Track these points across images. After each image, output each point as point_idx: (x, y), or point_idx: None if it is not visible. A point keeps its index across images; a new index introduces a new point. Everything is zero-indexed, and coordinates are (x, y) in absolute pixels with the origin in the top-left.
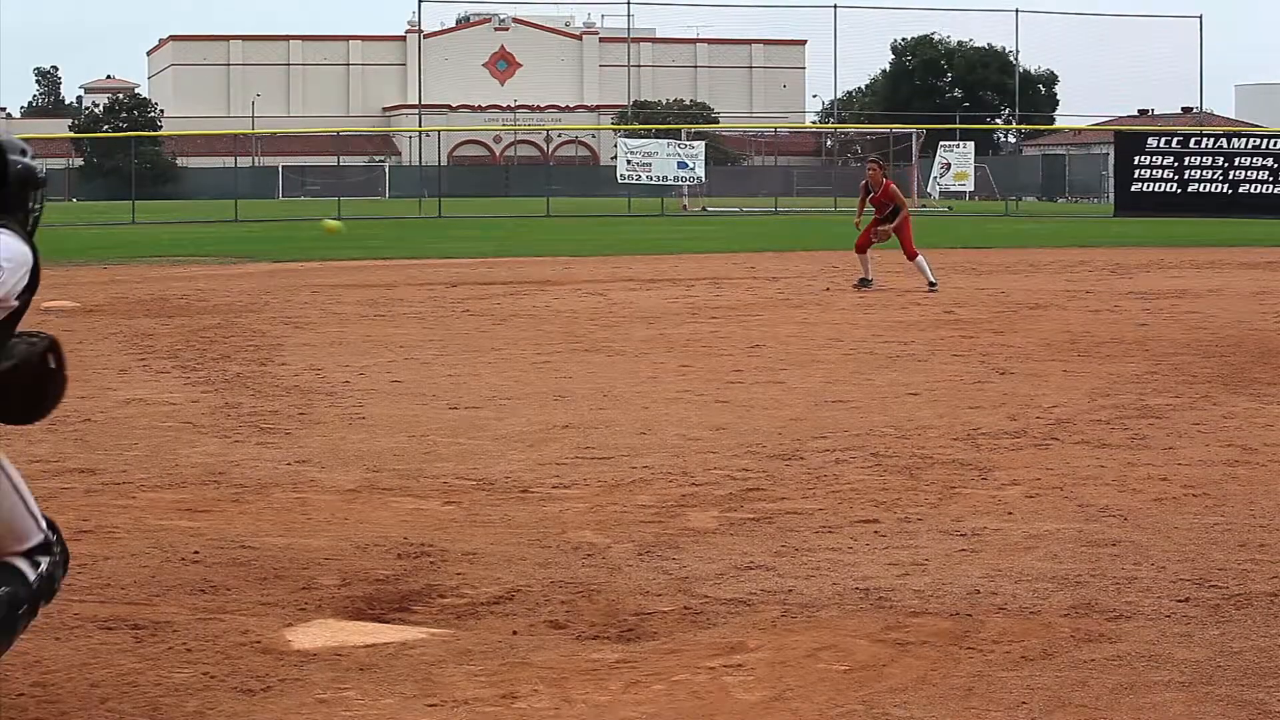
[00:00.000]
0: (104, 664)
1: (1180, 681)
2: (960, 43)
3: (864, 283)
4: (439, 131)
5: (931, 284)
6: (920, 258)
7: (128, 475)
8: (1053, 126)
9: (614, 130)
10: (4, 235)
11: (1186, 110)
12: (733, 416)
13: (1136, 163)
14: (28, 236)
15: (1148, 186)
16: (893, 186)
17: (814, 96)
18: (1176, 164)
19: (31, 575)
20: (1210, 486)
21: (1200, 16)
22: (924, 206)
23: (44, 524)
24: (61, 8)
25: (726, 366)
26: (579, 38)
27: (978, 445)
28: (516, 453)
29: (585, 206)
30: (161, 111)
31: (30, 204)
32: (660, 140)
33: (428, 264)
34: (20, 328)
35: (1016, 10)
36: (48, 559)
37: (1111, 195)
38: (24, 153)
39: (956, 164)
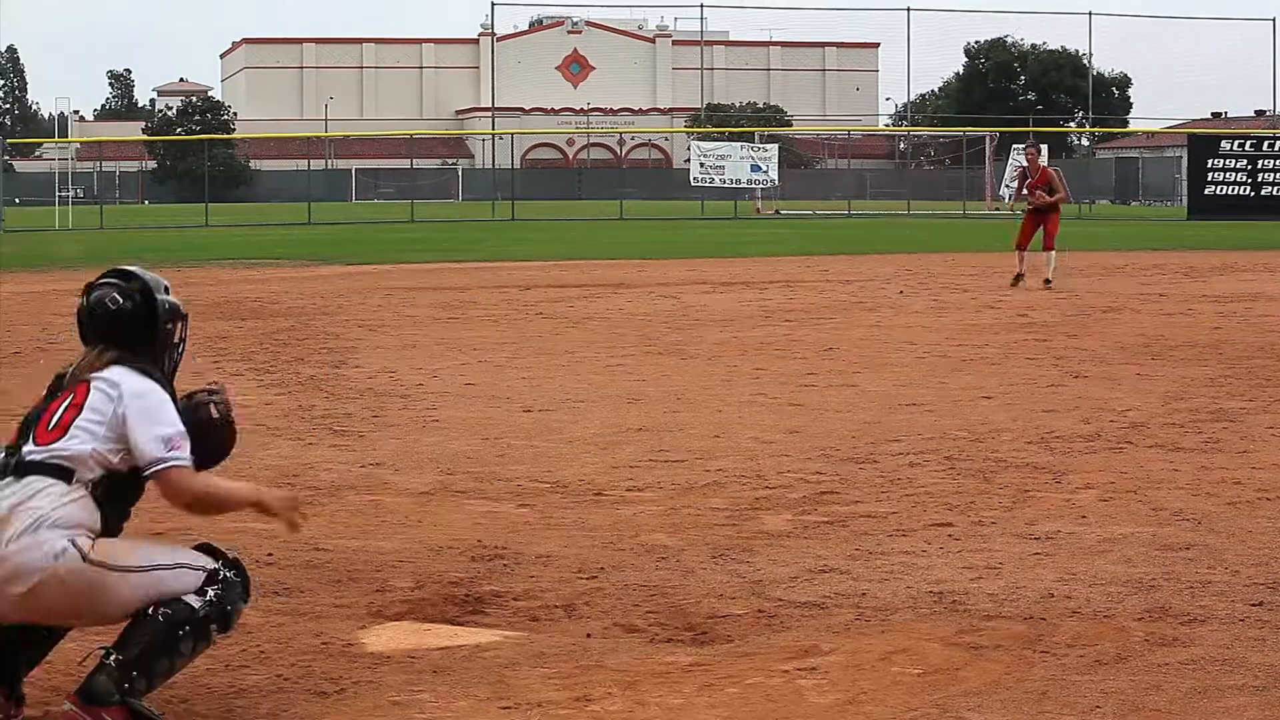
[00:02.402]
0: None
1: (1254, 686)
2: (1034, 45)
3: (1019, 279)
4: (512, 134)
5: (1047, 281)
6: (1054, 253)
7: None
8: (1126, 129)
9: (687, 133)
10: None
11: (1260, 113)
12: (806, 419)
13: (1210, 165)
14: (165, 380)
15: (1221, 189)
16: (1050, 171)
17: (887, 99)
18: (1250, 167)
19: (196, 603)
20: None
21: (1274, 19)
22: (997, 209)
23: (208, 562)
24: (135, 11)
25: (800, 370)
26: (652, 40)
27: (1051, 449)
28: (590, 455)
29: (658, 209)
30: (234, 114)
31: (176, 339)
32: (733, 143)
33: (501, 267)
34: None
35: (1090, 12)
36: (214, 588)
37: (1185, 198)
38: (166, 290)
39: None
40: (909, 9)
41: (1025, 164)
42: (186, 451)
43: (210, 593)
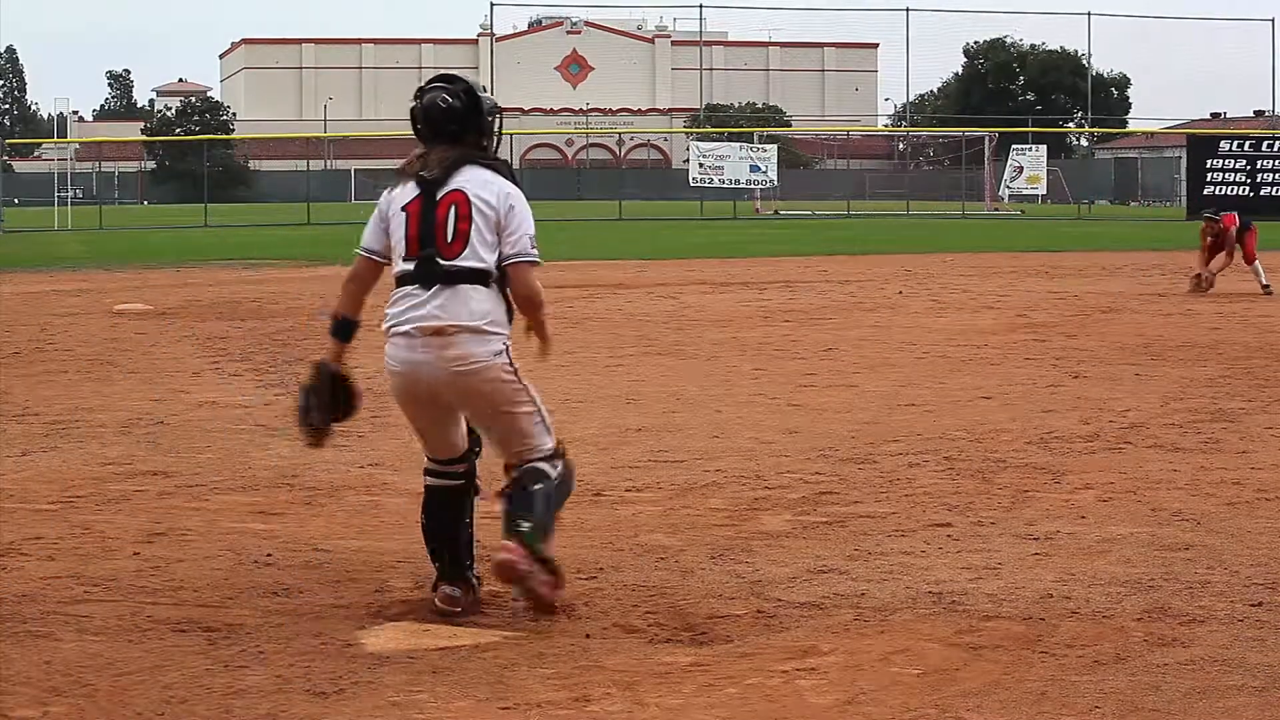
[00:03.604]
0: (177, 666)
1: (1253, 686)
2: (1033, 46)
3: (1199, 280)
4: (511, 135)
5: (1264, 286)
6: (1257, 264)
7: (200, 478)
8: (1125, 130)
9: (686, 133)
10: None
11: (1259, 113)
12: (805, 420)
13: (1209, 166)
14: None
15: (1220, 190)
16: (1232, 228)
17: (886, 100)
18: (1249, 167)
19: (552, 473)
20: None
21: (1274, 19)
22: (997, 210)
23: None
24: (135, 11)
25: (799, 370)
26: (651, 41)
27: (1050, 449)
28: (589, 456)
29: (657, 210)
30: (234, 115)
31: (496, 128)
32: (732, 143)
33: None
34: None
35: (1089, 12)
36: (561, 462)
37: (1184, 198)
38: (483, 89)
39: (1029, 167)
40: (908, 9)
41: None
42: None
43: (559, 465)
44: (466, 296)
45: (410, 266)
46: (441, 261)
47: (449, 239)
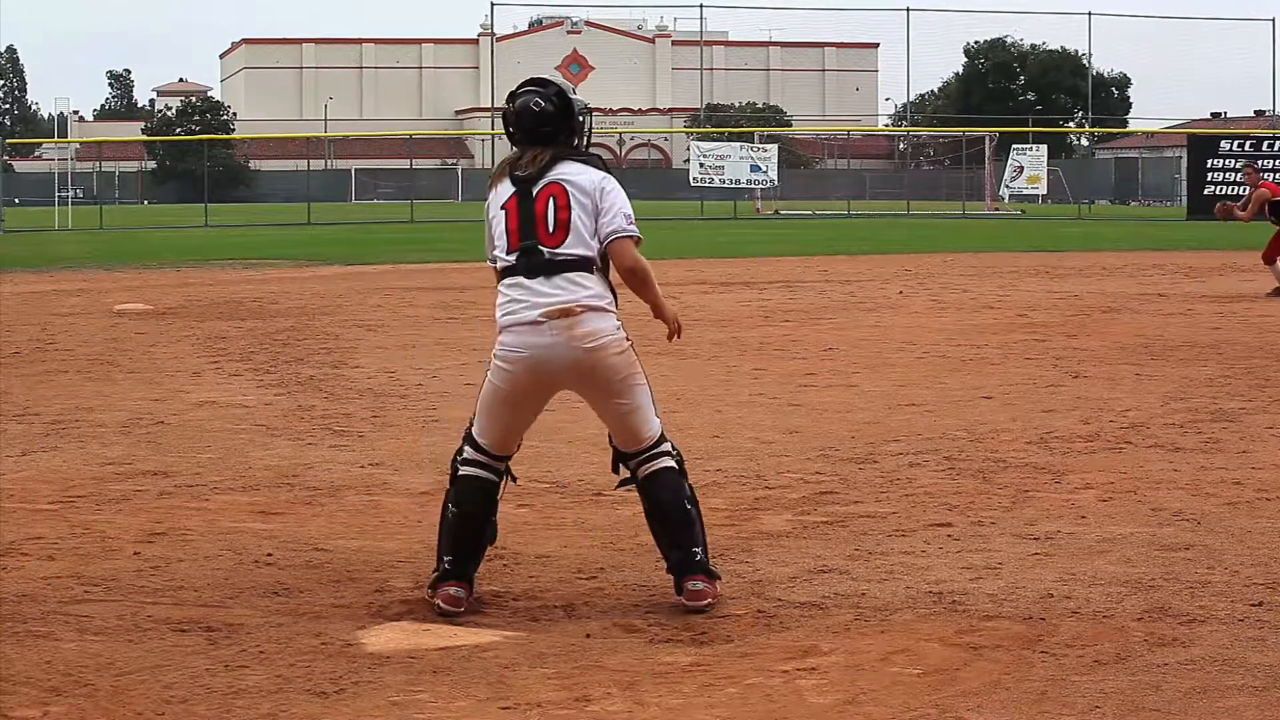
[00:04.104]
0: (177, 666)
1: (1254, 686)
2: (1033, 45)
3: (1278, 292)
4: None
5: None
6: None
7: (201, 478)
8: (1125, 129)
9: (686, 133)
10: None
11: (1259, 113)
12: (805, 420)
13: (1209, 166)
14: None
15: (1221, 190)
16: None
17: (886, 100)
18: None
19: (684, 475)
20: None
21: (1274, 19)
22: (997, 209)
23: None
24: (135, 11)
25: (799, 370)
26: (651, 41)
27: (1051, 449)
28: (590, 456)
29: (658, 209)
30: (234, 115)
31: (587, 128)
32: (733, 143)
33: None
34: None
35: (1089, 13)
36: (672, 446)
37: (1184, 198)
38: (574, 91)
39: (1029, 167)
40: (908, 9)
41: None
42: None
43: (669, 443)
44: (578, 281)
45: (513, 259)
46: (545, 251)
47: (550, 229)
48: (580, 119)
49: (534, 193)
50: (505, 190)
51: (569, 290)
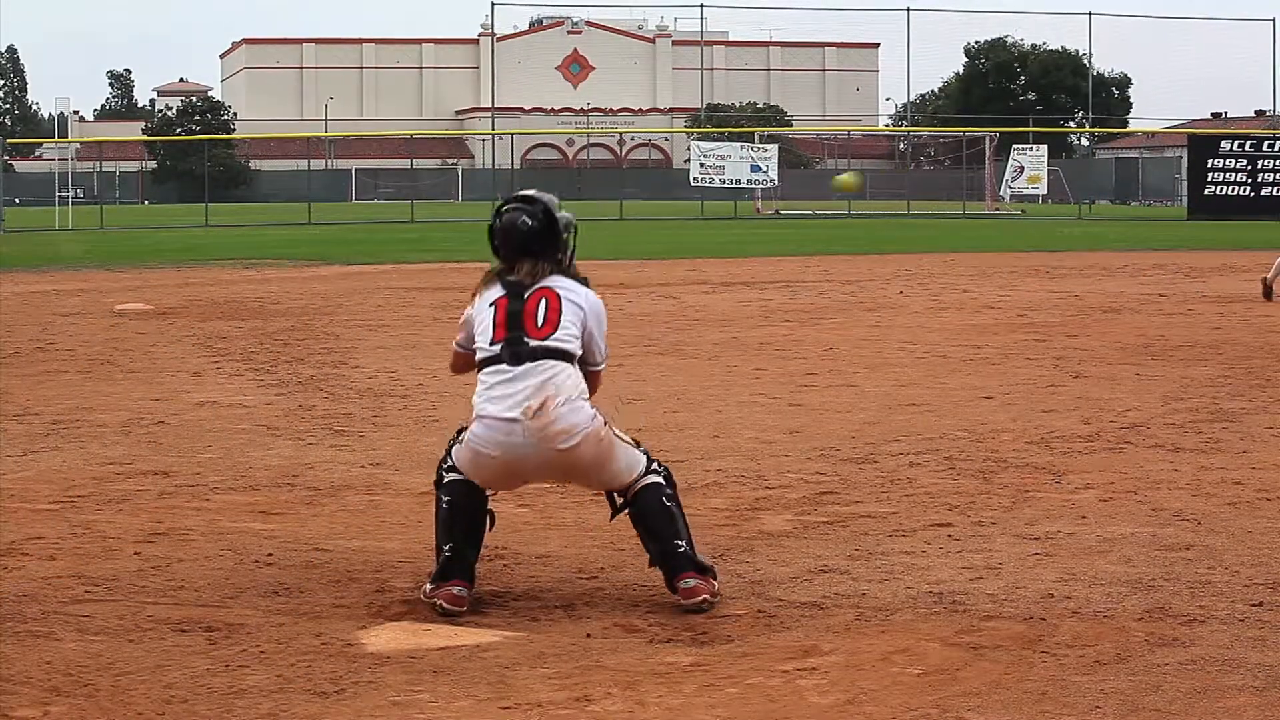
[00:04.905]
0: (178, 666)
1: (1254, 686)
2: (1033, 45)
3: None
4: (512, 134)
5: None
6: None
7: (201, 478)
8: (1126, 129)
9: (687, 133)
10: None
11: (1260, 113)
12: (806, 420)
13: (1210, 166)
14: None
15: (1221, 190)
16: None
17: (887, 100)
18: (1250, 167)
19: (660, 479)
20: None
21: (1274, 19)
22: (997, 210)
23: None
24: (135, 11)
25: (800, 370)
26: (652, 41)
27: (1051, 449)
28: None
29: (658, 209)
30: (234, 114)
31: (572, 244)
32: (733, 143)
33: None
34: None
35: (1090, 13)
36: (656, 463)
37: (1185, 198)
38: (559, 206)
39: (1030, 167)
40: (909, 9)
41: None
42: None
43: (654, 463)
44: (556, 369)
45: (497, 349)
46: (529, 341)
47: (539, 324)
48: (565, 235)
49: (525, 295)
50: (495, 292)
51: (546, 377)
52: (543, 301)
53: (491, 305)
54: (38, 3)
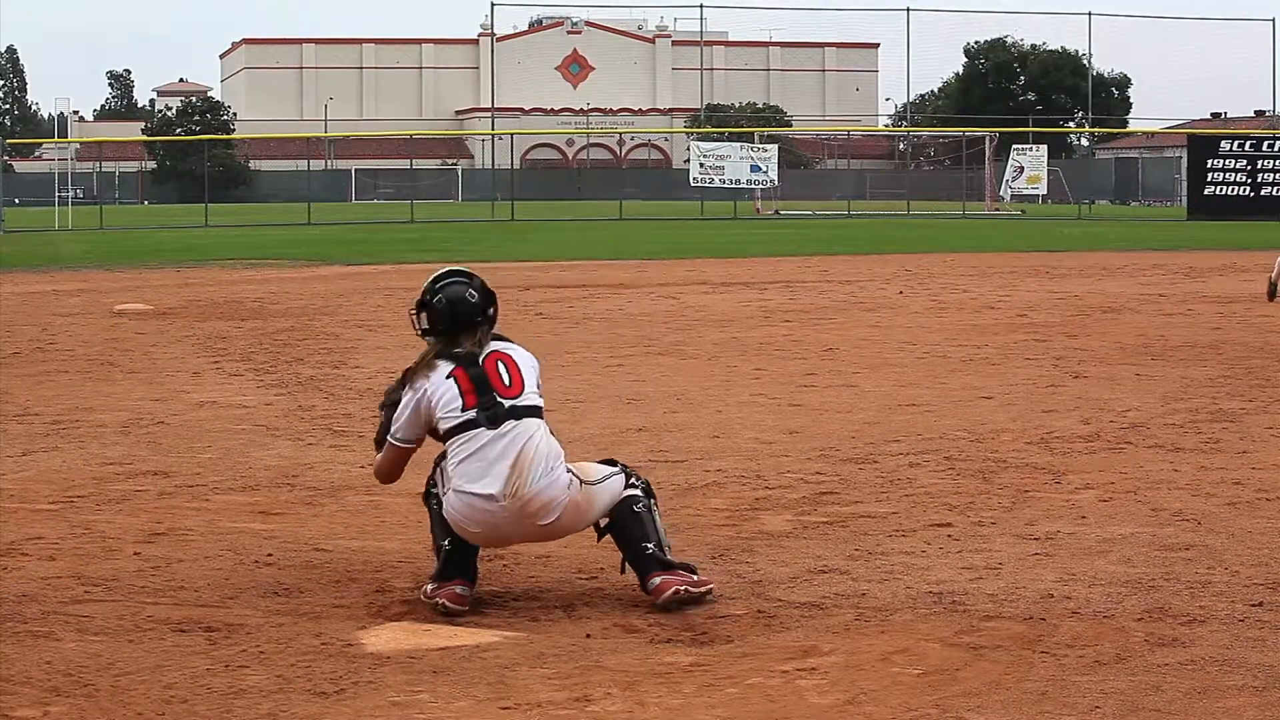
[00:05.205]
0: (177, 666)
1: (1254, 686)
2: (1033, 46)
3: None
4: (512, 135)
5: None
6: None
7: (201, 478)
8: (1126, 130)
9: (687, 133)
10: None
11: (1259, 113)
12: (806, 420)
13: (1210, 166)
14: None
15: (1221, 190)
16: None
17: (887, 100)
18: (1250, 167)
19: (638, 492)
20: None
21: (1274, 19)
22: (997, 210)
23: (616, 468)
24: (135, 11)
25: (799, 370)
26: (651, 41)
27: (1051, 449)
28: (589, 456)
29: (658, 209)
30: (234, 115)
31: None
32: (733, 143)
33: (500, 267)
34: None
35: (1090, 13)
36: (632, 478)
37: (1184, 198)
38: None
39: (1029, 167)
40: (909, 9)
41: None
42: None
43: (632, 478)
44: (532, 431)
45: (471, 414)
46: (504, 401)
47: (506, 384)
48: (494, 306)
49: (480, 360)
50: (443, 368)
51: (522, 444)
52: (499, 364)
53: (449, 378)
54: (38, 3)
